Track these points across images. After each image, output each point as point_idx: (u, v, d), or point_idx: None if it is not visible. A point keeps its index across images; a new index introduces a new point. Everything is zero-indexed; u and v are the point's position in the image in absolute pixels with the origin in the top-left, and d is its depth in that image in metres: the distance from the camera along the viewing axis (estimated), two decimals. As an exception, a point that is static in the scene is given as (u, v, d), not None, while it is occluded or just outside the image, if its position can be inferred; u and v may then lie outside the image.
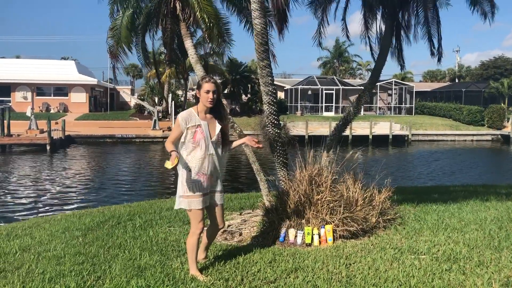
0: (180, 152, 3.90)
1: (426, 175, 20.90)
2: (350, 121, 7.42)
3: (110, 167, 22.45)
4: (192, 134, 3.84)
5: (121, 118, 40.02)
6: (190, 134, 3.84)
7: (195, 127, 3.85)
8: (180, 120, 3.84)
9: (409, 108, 47.14)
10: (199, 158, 3.84)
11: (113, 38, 7.54)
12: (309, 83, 46.27)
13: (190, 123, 3.85)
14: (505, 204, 6.91)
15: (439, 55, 7.47)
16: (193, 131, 3.84)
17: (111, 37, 7.58)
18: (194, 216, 3.86)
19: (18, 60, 52.38)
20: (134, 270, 4.01)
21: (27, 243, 5.33)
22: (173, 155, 3.57)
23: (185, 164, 3.86)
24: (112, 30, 7.51)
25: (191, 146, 3.85)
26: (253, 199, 7.70)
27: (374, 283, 3.65)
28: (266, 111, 5.88)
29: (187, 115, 3.88)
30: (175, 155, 3.57)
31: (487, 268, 3.93)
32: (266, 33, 5.72)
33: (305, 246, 4.87)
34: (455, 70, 75.41)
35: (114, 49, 7.58)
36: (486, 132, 38.50)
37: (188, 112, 3.91)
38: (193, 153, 3.85)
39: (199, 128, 3.85)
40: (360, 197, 5.42)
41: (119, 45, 7.51)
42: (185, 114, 3.88)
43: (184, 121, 3.84)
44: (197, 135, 3.84)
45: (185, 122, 3.84)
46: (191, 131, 3.84)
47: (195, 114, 3.90)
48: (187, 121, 3.84)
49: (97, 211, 7.60)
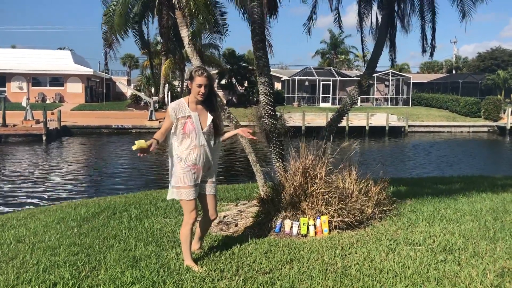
0: (172, 142, 3.88)
1: (422, 166, 20.94)
2: (347, 112, 7.39)
3: (106, 158, 22.40)
4: (182, 125, 3.80)
5: (117, 108, 39.83)
6: (180, 125, 3.81)
7: (185, 118, 3.81)
8: (170, 111, 3.81)
9: (406, 99, 47.15)
10: (189, 149, 3.81)
11: (107, 24, 7.47)
12: (306, 74, 46.16)
13: (180, 113, 3.81)
14: (500, 195, 6.93)
15: (431, 48, 7.39)
16: (183, 122, 3.80)
17: (105, 23, 7.50)
18: (186, 206, 3.85)
19: (14, 50, 51.95)
20: (129, 261, 4.00)
21: (21, 233, 5.31)
22: (149, 142, 3.56)
23: (176, 155, 3.84)
24: (106, 16, 7.44)
25: (181, 137, 3.82)
26: (249, 190, 7.69)
27: (369, 273, 3.65)
28: (262, 102, 5.85)
29: (177, 105, 3.84)
30: (149, 142, 3.55)
31: (482, 259, 3.94)
32: (262, 22, 5.67)
33: (300, 237, 4.86)
34: (452, 62, 75.41)
35: (108, 35, 7.51)
36: (483, 124, 38.60)
37: (178, 103, 3.86)
38: (184, 143, 3.82)
39: (189, 119, 3.81)
40: (355, 188, 5.42)
41: (112, 32, 7.44)
42: (175, 105, 3.84)
43: (174, 111, 3.80)
44: (187, 126, 3.81)
45: (175, 112, 3.80)
46: (181, 122, 3.80)
47: (185, 104, 3.86)
48: (177, 111, 3.81)
49: (92, 201, 7.58)
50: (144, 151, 3.57)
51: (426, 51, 7.38)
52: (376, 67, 7.56)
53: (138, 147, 3.53)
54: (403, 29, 7.37)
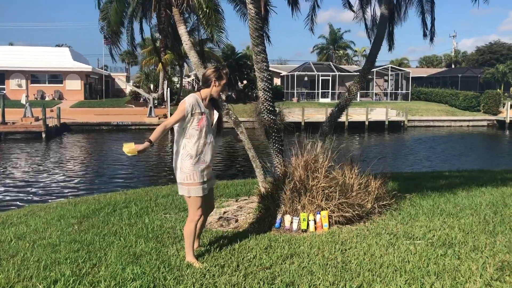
0: (180, 139, 3.85)
1: (421, 160, 20.95)
2: (346, 107, 7.38)
3: (106, 155, 22.39)
4: (197, 121, 3.77)
5: (116, 105, 39.83)
6: (196, 120, 3.77)
7: (200, 114, 3.79)
8: (187, 105, 3.73)
9: (405, 94, 47.11)
10: (200, 145, 3.80)
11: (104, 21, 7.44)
12: (306, 69, 46.08)
13: (197, 109, 3.77)
14: (500, 189, 6.94)
15: (431, 35, 7.50)
16: (198, 118, 3.77)
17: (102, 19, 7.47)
18: (193, 203, 3.85)
19: (12, 47, 51.88)
20: (130, 257, 4.00)
21: (22, 231, 5.32)
22: (140, 146, 3.61)
23: (185, 151, 3.81)
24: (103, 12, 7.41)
25: (194, 133, 3.78)
26: (249, 186, 7.70)
27: (369, 268, 3.66)
28: (261, 98, 5.84)
29: (195, 100, 3.78)
30: (141, 147, 3.60)
31: (481, 252, 3.95)
32: (260, 18, 5.65)
33: (300, 232, 4.87)
34: (451, 56, 75.32)
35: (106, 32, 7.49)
36: (482, 118, 38.58)
37: (195, 98, 3.81)
38: (194, 140, 3.79)
39: (203, 115, 3.81)
40: (355, 183, 5.42)
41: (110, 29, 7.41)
42: (193, 100, 3.77)
43: (191, 106, 3.74)
44: (202, 122, 3.78)
45: (192, 107, 3.75)
46: (197, 118, 3.77)
47: (200, 101, 3.85)
48: (194, 107, 3.76)
49: (92, 198, 7.59)
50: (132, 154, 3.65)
51: (426, 36, 7.54)
52: (375, 62, 7.56)
53: (132, 154, 3.59)
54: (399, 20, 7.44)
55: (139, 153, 3.63)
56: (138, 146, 3.62)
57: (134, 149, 3.60)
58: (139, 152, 3.63)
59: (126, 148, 3.62)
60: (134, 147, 3.61)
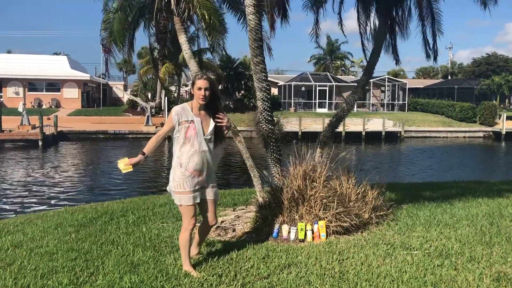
0: (174, 148, 3.92)
1: (418, 171, 21.00)
2: (344, 118, 7.43)
3: (103, 163, 22.35)
4: (184, 129, 3.82)
5: (114, 114, 39.77)
6: (183, 129, 3.82)
7: (188, 123, 3.83)
8: (173, 114, 3.83)
9: (402, 104, 47.31)
10: (190, 154, 3.82)
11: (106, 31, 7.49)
12: (303, 80, 46.27)
13: (183, 118, 3.83)
14: (496, 200, 6.97)
15: (434, 53, 7.49)
16: (185, 126, 3.82)
17: (104, 30, 7.52)
18: (185, 211, 3.87)
19: (10, 55, 51.87)
20: (127, 266, 4.00)
21: (19, 239, 5.30)
22: (134, 159, 3.70)
23: (176, 160, 3.86)
24: (105, 23, 7.46)
25: (182, 141, 3.84)
26: (247, 195, 7.70)
27: (366, 278, 3.67)
28: (260, 108, 5.87)
29: (181, 109, 3.87)
30: (134, 161, 3.70)
31: (478, 263, 3.96)
32: (260, 29, 5.70)
33: (298, 242, 4.88)
34: (447, 67, 75.80)
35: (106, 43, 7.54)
36: (478, 129, 38.75)
37: (182, 107, 3.89)
38: (184, 148, 3.83)
39: (191, 124, 3.84)
40: (353, 193, 5.44)
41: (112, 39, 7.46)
42: (179, 109, 3.87)
43: (177, 115, 3.82)
44: (189, 131, 3.82)
45: (178, 116, 3.82)
46: (184, 126, 3.82)
47: (189, 109, 3.89)
48: (180, 115, 3.83)
49: (89, 207, 7.56)
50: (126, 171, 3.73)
51: (430, 56, 7.53)
52: (373, 73, 7.62)
53: (127, 170, 3.66)
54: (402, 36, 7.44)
55: (133, 166, 3.70)
56: (132, 159, 3.73)
57: (128, 163, 3.68)
58: (133, 166, 3.70)
59: (121, 165, 3.73)
60: (128, 161, 3.68)
